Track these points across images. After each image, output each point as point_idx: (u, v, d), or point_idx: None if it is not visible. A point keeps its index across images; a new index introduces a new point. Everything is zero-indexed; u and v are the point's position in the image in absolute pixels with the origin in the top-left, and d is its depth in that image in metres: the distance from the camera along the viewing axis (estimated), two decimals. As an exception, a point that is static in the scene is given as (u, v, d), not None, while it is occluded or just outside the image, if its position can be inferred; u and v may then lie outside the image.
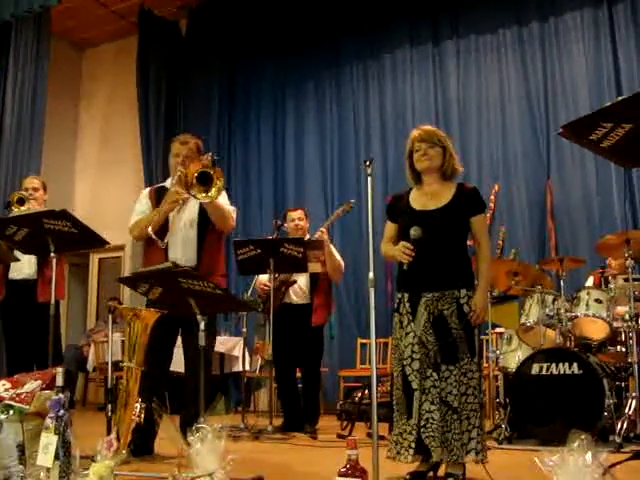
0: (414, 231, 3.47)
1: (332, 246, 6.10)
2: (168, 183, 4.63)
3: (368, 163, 3.34)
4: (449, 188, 3.66)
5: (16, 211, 5.64)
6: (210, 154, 4.40)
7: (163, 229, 4.45)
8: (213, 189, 4.16)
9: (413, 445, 3.38)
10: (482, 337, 5.21)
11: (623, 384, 5.23)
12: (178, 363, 4.58)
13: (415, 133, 3.71)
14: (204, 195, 4.18)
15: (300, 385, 6.18)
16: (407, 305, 3.55)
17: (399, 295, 3.62)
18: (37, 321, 5.31)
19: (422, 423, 3.39)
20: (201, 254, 4.44)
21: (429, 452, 3.37)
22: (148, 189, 4.83)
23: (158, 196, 4.58)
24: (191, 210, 4.52)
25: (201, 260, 4.42)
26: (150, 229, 4.39)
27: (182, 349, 4.48)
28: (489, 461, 3.40)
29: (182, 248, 4.43)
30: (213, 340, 4.60)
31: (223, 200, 4.55)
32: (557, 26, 7.98)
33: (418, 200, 3.66)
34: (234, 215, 4.61)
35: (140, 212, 4.62)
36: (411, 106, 8.72)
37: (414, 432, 3.39)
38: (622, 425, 4.64)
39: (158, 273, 3.57)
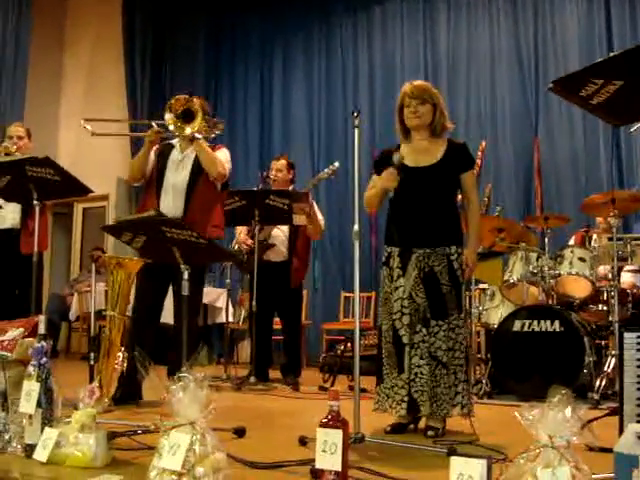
0: (396, 157, 3.47)
1: (315, 207, 6.04)
2: (175, 141, 4.74)
3: (355, 114, 3.30)
4: (439, 144, 3.63)
5: None
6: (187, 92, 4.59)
7: (160, 179, 4.57)
8: (195, 123, 4.40)
9: (406, 399, 3.40)
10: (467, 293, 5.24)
11: (603, 342, 5.31)
12: (169, 314, 4.62)
13: (407, 88, 3.63)
14: (187, 128, 4.42)
15: (282, 337, 6.22)
16: (397, 260, 3.54)
17: (388, 249, 3.61)
18: (20, 272, 5.27)
19: (411, 377, 3.42)
20: (190, 203, 4.50)
21: (415, 406, 3.40)
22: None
23: (163, 151, 4.70)
24: (188, 161, 4.61)
25: (189, 208, 4.48)
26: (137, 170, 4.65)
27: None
28: (475, 415, 3.45)
29: (173, 196, 4.53)
30: (200, 291, 4.61)
31: (221, 154, 4.72)
32: (550, -18, 7.89)
33: (409, 156, 3.59)
34: (227, 166, 4.72)
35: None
36: (400, 60, 8.65)
37: (406, 386, 3.42)
38: (601, 382, 4.72)
39: (141, 221, 3.53)
